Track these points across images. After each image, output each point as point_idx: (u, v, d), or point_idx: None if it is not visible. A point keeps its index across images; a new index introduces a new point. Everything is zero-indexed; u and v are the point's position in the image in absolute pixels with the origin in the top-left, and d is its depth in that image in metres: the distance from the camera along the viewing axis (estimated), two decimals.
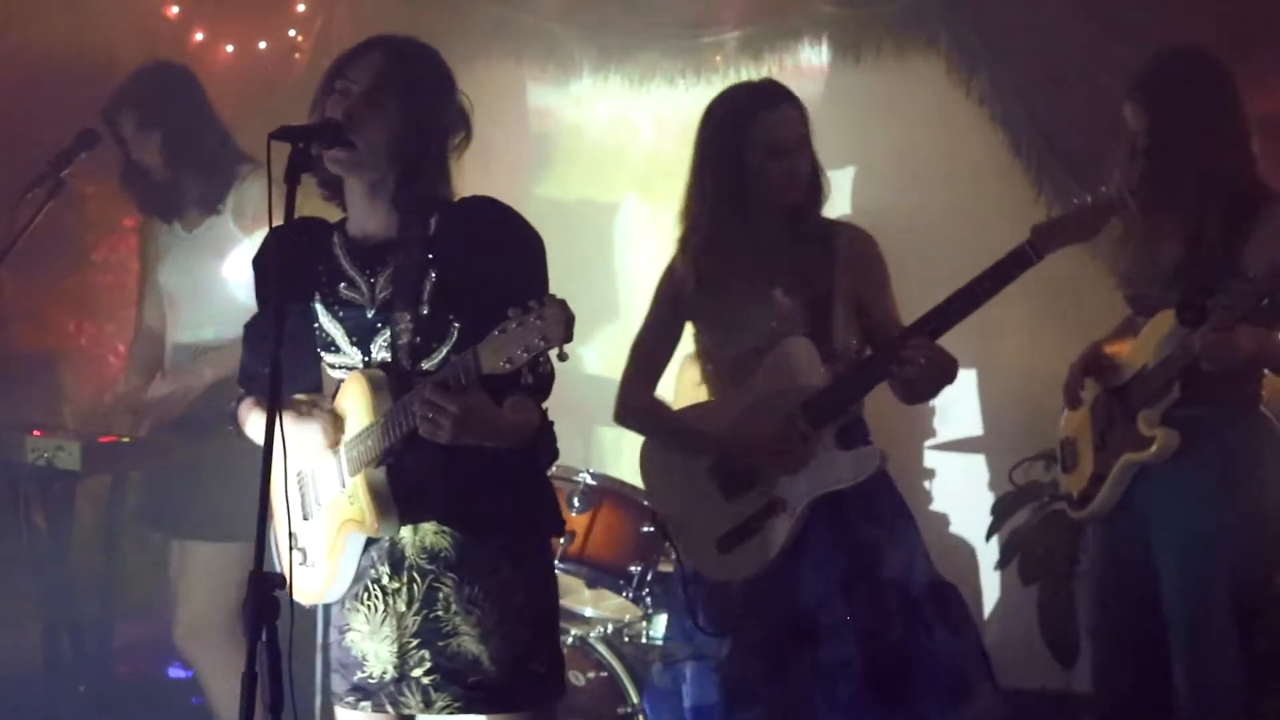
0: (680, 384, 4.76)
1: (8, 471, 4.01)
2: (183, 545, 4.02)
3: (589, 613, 4.45)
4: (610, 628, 4.31)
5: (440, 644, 2.66)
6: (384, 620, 2.69)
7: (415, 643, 2.67)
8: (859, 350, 3.34)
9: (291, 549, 2.64)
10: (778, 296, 3.28)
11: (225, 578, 3.88)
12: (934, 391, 3.34)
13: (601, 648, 4.21)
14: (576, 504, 4.10)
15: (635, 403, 3.44)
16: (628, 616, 4.31)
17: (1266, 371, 3.45)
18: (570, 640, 4.23)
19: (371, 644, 2.71)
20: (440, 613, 2.66)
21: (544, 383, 2.63)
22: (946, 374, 3.24)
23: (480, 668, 2.64)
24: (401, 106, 2.62)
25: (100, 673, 4.35)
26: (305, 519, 2.73)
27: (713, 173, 3.28)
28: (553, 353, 2.34)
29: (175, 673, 4.65)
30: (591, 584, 4.16)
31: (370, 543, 2.70)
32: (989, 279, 3.16)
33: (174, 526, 3.99)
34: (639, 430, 3.48)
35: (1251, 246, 3.30)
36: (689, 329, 3.47)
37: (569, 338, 2.31)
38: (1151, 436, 3.38)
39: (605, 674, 4.18)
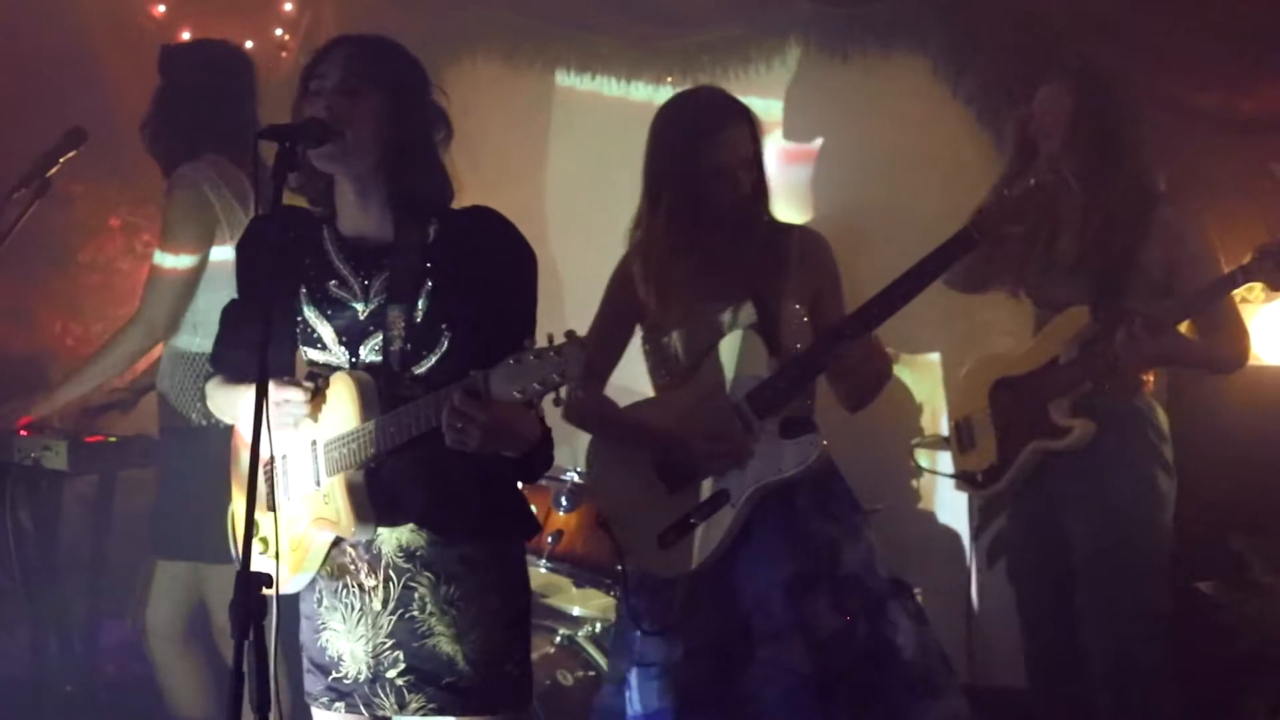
0: None
1: None
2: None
3: (576, 612, 4.45)
4: (598, 627, 4.32)
5: (415, 645, 2.66)
6: (360, 619, 2.69)
7: (389, 643, 2.67)
8: None
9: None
10: (726, 299, 3.31)
11: (181, 594, 3.94)
12: (873, 393, 3.37)
13: (589, 647, 4.21)
14: (564, 503, 4.10)
15: (583, 400, 3.36)
16: (615, 615, 4.31)
17: None
18: (558, 639, 4.24)
19: (347, 643, 2.70)
20: (415, 613, 2.66)
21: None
22: (884, 371, 3.30)
23: (455, 668, 2.64)
24: (378, 91, 2.62)
25: (87, 673, 4.34)
26: (269, 509, 2.69)
27: (664, 189, 3.31)
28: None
29: None
30: (579, 583, 4.16)
31: (341, 539, 2.69)
32: (931, 262, 3.25)
33: (167, 548, 3.97)
34: (585, 428, 3.47)
35: (1148, 246, 3.61)
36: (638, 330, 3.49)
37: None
38: (1067, 426, 3.64)
39: (593, 673, 4.18)
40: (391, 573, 2.68)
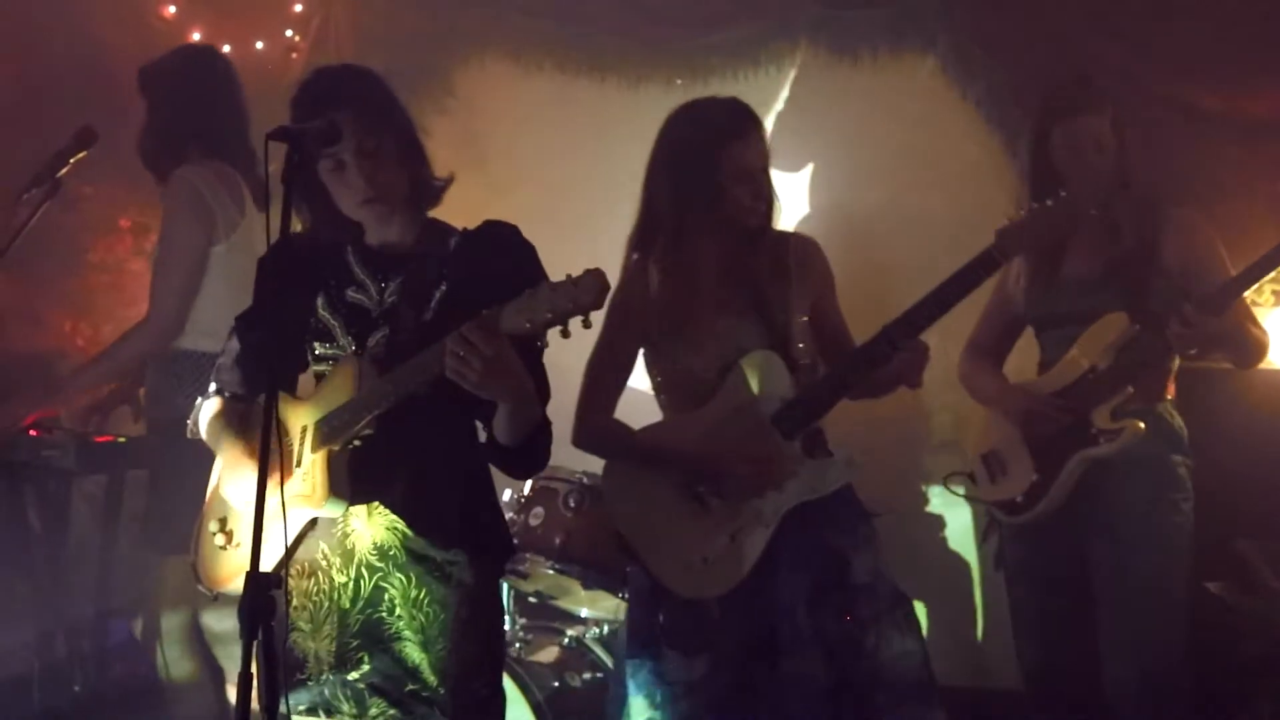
0: None
1: (3, 471, 4.01)
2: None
3: (584, 613, 4.46)
4: (606, 628, 4.32)
5: (381, 647, 2.65)
6: (327, 617, 2.69)
7: (355, 644, 2.66)
8: (813, 359, 3.34)
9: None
10: (738, 314, 3.29)
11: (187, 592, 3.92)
12: (886, 393, 3.34)
13: (597, 649, 4.21)
14: (572, 504, 4.10)
15: (595, 425, 3.34)
16: (623, 617, 4.30)
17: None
18: (566, 641, 4.24)
19: (313, 644, 2.70)
20: (384, 614, 2.66)
21: (544, 382, 2.65)
22: (919, 378, 3.26)
23: (419, 677, 2.63)
24: (390, 137, 2.71)
25: (95, 672, 4.35)
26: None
27: (682, 192, 3.25)
28: (575, 321, 2.33)
29: None
30: (587, 585, 4.16)
31: (319, 529, 2.69)
32: (956, 284, 3.23)
33: (162, 543, 3.96)
34: (600, 453, 3.40)
35: (1166, 248, 3.64)
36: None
37: (600, 305, 2.31)
38: (1114, 429, 3.61)
39: (600, 675, 4.18)
40: (364, 570, 2.67)
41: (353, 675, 2.65)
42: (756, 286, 3.30)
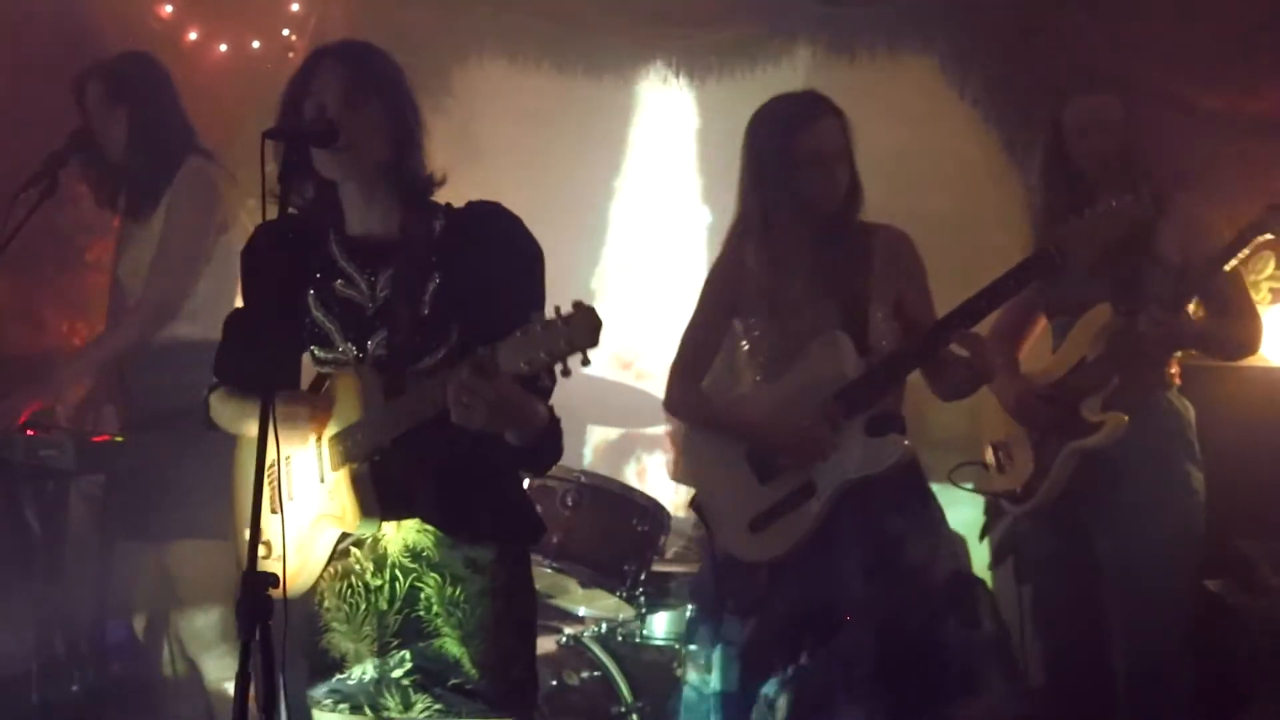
0: None
1: (1, 471, 4.00)
2: (175, 547, 3.99)
3: (582, 612, 4.46)
4: (604, 627, 4.32)
5: (422, 644, 2.65)
6: (365, 619, 2.69)
7: (396, 642, 2.66)
8: (892, 346, 3.41)
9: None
10: (817, 296, 3.40)
11: (223, 575, 3.89)
12: (973, 389, 3.38)
13: (595, 647, 4.21)
14: (570, 503, 4.10)
15: (682, 394, 3.58)
16: (621, 616, 4.31)
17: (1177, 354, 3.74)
18: (564, 640, 4.24)
19: (351, 643, 2.70)
20: (421, 613, 2.66)
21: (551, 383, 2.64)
22: (988, 371, 3.32)
23: (461, 670, 2.64)
24: (380, 99, 2.64)
25: (93, 672, 4.34)
26: (272, 512, 2.67)
27: (760, 181, 3.42)
28: (574, 359, 2.31)
29: None
30: (585, 583, 4.16)
31: (347, 535, 2.69)
32: (1011, 279, 3.30)
33: (163, 530, 3.94)
34: (686, 419, 3.67)
35: (1163, 236, 3.62)
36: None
37: (596, 344, 2.30)
38: (1098, 422, 3.61)
39: (599, 673, 4.18)
40: (398, 573, 2.67)
41: (396, 673, 2.66)
42: (838, 274, 3.40)
